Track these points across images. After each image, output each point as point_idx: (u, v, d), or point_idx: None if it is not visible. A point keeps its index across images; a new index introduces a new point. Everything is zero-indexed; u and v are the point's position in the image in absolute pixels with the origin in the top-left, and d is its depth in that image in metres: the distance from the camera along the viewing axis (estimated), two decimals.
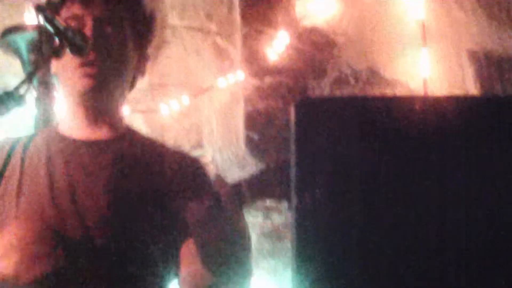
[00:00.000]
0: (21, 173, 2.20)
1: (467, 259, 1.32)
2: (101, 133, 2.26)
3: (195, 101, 3.78)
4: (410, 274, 1.32)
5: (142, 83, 3.73)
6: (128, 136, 2.32)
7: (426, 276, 1.32)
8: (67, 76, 2.24)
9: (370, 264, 1.32)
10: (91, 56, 2.18)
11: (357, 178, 1.31)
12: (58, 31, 2.14)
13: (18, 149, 2.26)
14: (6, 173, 2.21)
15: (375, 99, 1.40)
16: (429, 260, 1.31)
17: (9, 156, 2.24)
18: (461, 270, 1.32)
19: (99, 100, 2.24)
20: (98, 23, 2.22)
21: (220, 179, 2.23)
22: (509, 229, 1.31)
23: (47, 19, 2.15)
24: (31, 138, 2.31)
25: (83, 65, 2.18)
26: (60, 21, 2.17)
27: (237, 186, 2.07)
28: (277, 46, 3.81)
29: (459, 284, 1.32)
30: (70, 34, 2.14)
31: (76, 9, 2.24)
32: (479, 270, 1.32)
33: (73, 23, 2.21)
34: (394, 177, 1.31)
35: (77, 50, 2.13)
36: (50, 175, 2.19)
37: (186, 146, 3.74)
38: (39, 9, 2.23)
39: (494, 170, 1.31)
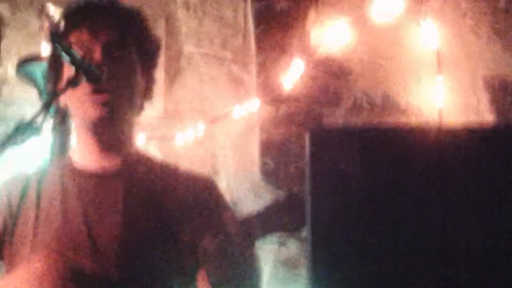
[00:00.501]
0: (37, 208, 2.21)
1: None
2: (114, 162, 2.27)
3: (210, 129, 3.79)
4: None
5: (157, 110, 3.79)
6: (141, 163, 2.33)
7: None
8: (78, 105, 2.24)
9: None
10: (102, 84, 2.19)
11: (372, 208, 1.30)
12: (74, 60, 2.16)
13: (33, 184, 2.27)
14: (22, 210, 2.22)
15: (389, 128, 1.37)
16: None
17: (24, 192, 2.25)
18: None
19: (111, 128, 2.24)
20: (106, 49, 2.23)
21: (230, 214, 2.24)
22: None
23: (63, 48, 2.16)
24: (44, 172, 2.32)
25: (93, 92, 2.18)
26: (76, 51, 2.19)
27: (250, 220, 2.09)
28: (292, 74, 3.81)
29: None
30: (86, 63, 2.16)
31: (84, 36, 2.25)
32: None
33: (81, 50, 2.23)
34: (410, 208, 1.30)
35: (93, 79, 2.14)
36: (65, 210, 2.19)
37: None
38: (55, 38, 2.25)
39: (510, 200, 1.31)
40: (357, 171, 1.29)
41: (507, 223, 1.28)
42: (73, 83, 2.14)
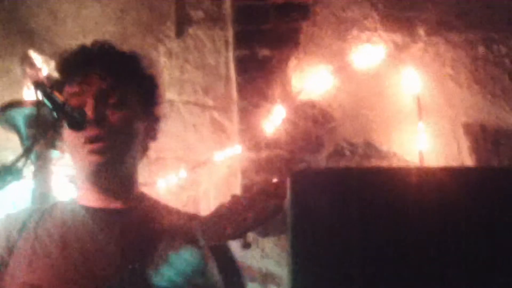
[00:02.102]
0: (34, 240, 2.22)
1: None
2: (115, 203, 2.28)
3: (192, 175, 3.78)
4: None
5: None
6: (141, 205, 2.35)
7: None
8: (76, 154, 2.27)
9: None
10: (96, 132, 2.20)
11: (353, 249, 1.31)
12: (56, 106, 2.16)
13: (34, 219, 2.28)
14: (20, 242, 2.22)
15: (370, 170, 1.40)
16: None
17: (24, 227, 2.26)
18: None
19: (110, 173, 2.26)
20: (98, 98, 2.24)
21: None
22: None
23: (45, 94, 2.17)
24: (47, 209, 2.34)
25: (88, 141, 2.21)
26: (58, 97, 2.19)
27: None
28: (274, 120, 3.84)
29: None
30: (68, 108, 2.16)
31: (76, 88, 2.27)
32: None
33: (75, 101, 2.23)
34: (392, 247, 1.31)
35: (75, 125, 2.15)
36: (62, 242, 2.20)
37: None
38: (37, 85, 2.25)
39: (492, 239, 1.31)
40: (337, 212, 1.30)
41: (487, 258, 1.29)
42: (53, 127, 2.14)
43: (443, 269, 1.30)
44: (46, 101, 2.16)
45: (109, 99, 2.27)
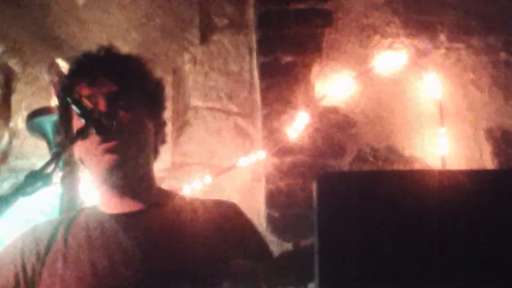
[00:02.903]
0: (64, 250, 2.25)
1: None
2: (135, 205, 2.31)
3: (217, 180, 3.80)
4: None
5: (165, 163, 3.80)
6: (163, 202, 2.39)
7: None
8: (90, 156, 2.31)
9: None
10: (109, 137, 2.24)
11: (382, 251, 1.29)
12: (84, 112, 2.19)
13: (61, 230, 2.31)
14: (50, 254, 2.25)
15: (397, 173, 1.39)
16: None
17: (52, 238, 2.29)
18: None
19: (125, 173, 2.29)
20: (109, 99, 2.29)
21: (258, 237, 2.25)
22: None
23: (73, 101, 2.20)
24: (72, 218, 2.36)
25: (102, 142, 2.24)
26: (86, 103, 2.22)
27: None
28: (297, 126, 3.83)
29: None
30: (96, 115, 2.19)
31: (86, 90, 2.32)
32: None
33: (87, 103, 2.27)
34: (418, 250, 1.30)
35: (102, 130, 2.18)
36: (90, 251, 2.24)
37: None
38: (66, 91, 2.29)
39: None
40: (366, 214, 1.29)
41: (507, 262, 1.28)
42: (82, 134, 2.17)
43: (471, 270, 1.29)
44: (74, 107, 2.20)
45: (118, 101, 2.31)
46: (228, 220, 2.33)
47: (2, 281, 2.26)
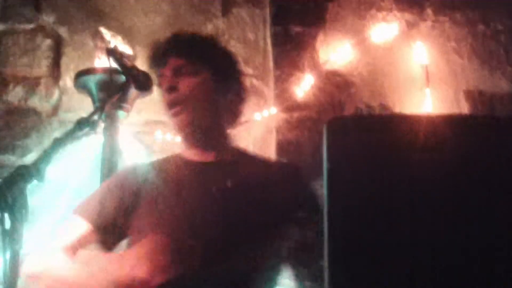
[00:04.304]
0: (156, 191, 2.28)
1: None
2: (209, 155, 2.33)
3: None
4: None
5: None
6: (234, 155, 2.39)
7: None
8: (168, 119, 2.33)
9: None
10: (170, 98, 2.26)
11: (390, 198, 1.17)
12: (125, 69, 2.19)
13: (152, 172, 2.37)
14: (145, 192, 2.29)
15: (406, 117, 1.23)
16: None
17: (146, 177, 2.34)
18: None
19: (194, 130, 2.31)
20: (173, 71, 2.35)
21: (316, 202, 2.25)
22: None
23: (116, 59, 2.20)
24: (160, 162, 2.39)
25: (169, 106, 2.28)
26: (126, 61, 2.22)
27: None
28: (304, 86, 3.84)
29: None
30: (135, 72, 2.19)
31: (161, 71, 2.39)
32: None
33: (162, 80, 2.37)
34: (429, 197, 1.19)
35: (141, 86, 2.18)
36: (173, 193, 2.26)
37: None
38: (110, 51, 2.28)
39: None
40: (374, 159, 1.20)
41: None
42: (123, 87, 2.17)
43: (474, 217, 1.19)
44: (117, 65, 2.19)
45: (182, 71, 2.32)
46: (291, 183, 2.31)
47: (108, 206, 2.28)
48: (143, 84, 2.20)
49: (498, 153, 1.20)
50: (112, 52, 2.24)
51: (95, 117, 1.97)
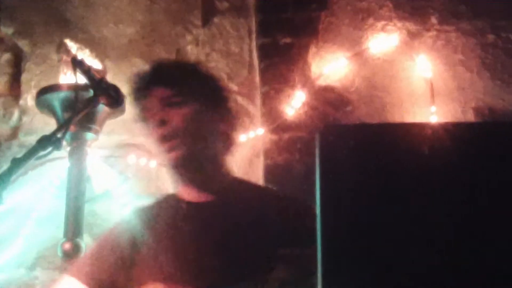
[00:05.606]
0: (153, 240, 2.36)
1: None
2: (207, 195, 2.36)
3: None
4: None
5: None
6: (234, 191, 2.44)
7: None
8: (160, 154, 2.36)
9: None
10: (162, 131, 2.30)
11: (383, 205, 1.27)
12: (93, 83, 2.22)
13: (151, 215, 2.44)
14: (140, 242, 2.37)
15: (399, 124, 1.32)
16: None
17: (146, 222, 2.42)
18: None
19: (190, 167, 2.34)
20: (162, 102, 2.41)
21: None
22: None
23: (83, 70, 2.23)
24: (158, 204, 2.50)
25: (162, 141, 2.31)
26: (95, 73, 2.25)
27: None
28: (294, 104, 3.85)
29: None
30: (104, 85, 2.22)
31: (146, 102, 2.46)
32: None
33: (148, 113, 2.44)
34: (423, 202, 1.27)
35: (112, 102, 2.21)
36: (174, 241, 2.34)
37: None
38: (75, 61, 2.31)
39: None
40: (366, 167, 1.28)
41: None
42: (91, 103, 2.20)
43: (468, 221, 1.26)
44: (84, 78, 2.23)
45: (172, 101, 2.38)
46: (302, 219, 2.33)
47: (104, 263, 2.35)
48: (114, 99, 2.22)
49: (488, 159, 1.28)
50: (78, 63, 2.27)
51: (59, 135, 2.00)
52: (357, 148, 1.30)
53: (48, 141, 1.97)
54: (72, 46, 3.80)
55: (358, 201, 1.28)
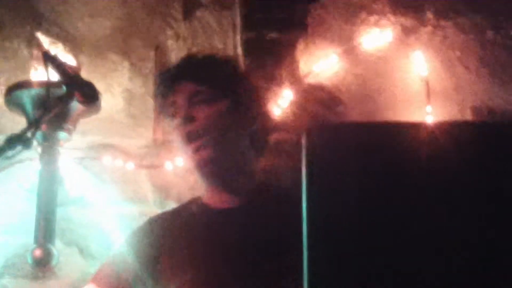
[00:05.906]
0: (177, 243, 2.40)
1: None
2: (235, 199, 2.33)
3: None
4: None
5: (146, 140, 3.75)
6: (260, 197, 2.44)
7: None
8: (188, 160, 2.44)
9: None
10: (188, 128, 2.37)
11: (370, 206, 1.27)
12: (66, 78, 2.14)
13: (173, 223, 2.48)
14: (166, 251, 2.39)
15: (387, 123, 1.35)
16: None
17: (166, 230, 2.45)
18: None
19: (219, 169, 2.32)
20: (188, 99, 2.42)
21: None
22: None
23: (55, 66, 2.15)
24: (180, 211, 2.54)
25: (188, 139, 2.36)
26: (68, 69, 2.17)
27: None
28: (282, 103, 3.82)
29: None
30: (78, 81, 2.14)
31: (173, 97, 2.47)
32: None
33: (174, 109, 2.45)
34: (410, 204, 1.28)
35: (86, 98, 2.14)
36: (201, 251, 2.35)
37: None
38: (46, 56, 2.23)
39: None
40: (354, 167, 1.28)
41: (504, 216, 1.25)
42: (64, 99, 2.12)
43: (463, 225, 1.26)
44: (56, 72, 2.15)
45: (198, 98, 2.39)
46: None
47: (127, 270, 2.41)
48: (88, 97, 2.17)
49: (488, 159, 1.29)
50: (50, 58, 2.21)
51: (29, 134, 1.93)
52: (346, 148, 1.31)
53: (17, 141, 1.90)
54: (44, 40, 3.72)
55: (347, 204, 1.28)
